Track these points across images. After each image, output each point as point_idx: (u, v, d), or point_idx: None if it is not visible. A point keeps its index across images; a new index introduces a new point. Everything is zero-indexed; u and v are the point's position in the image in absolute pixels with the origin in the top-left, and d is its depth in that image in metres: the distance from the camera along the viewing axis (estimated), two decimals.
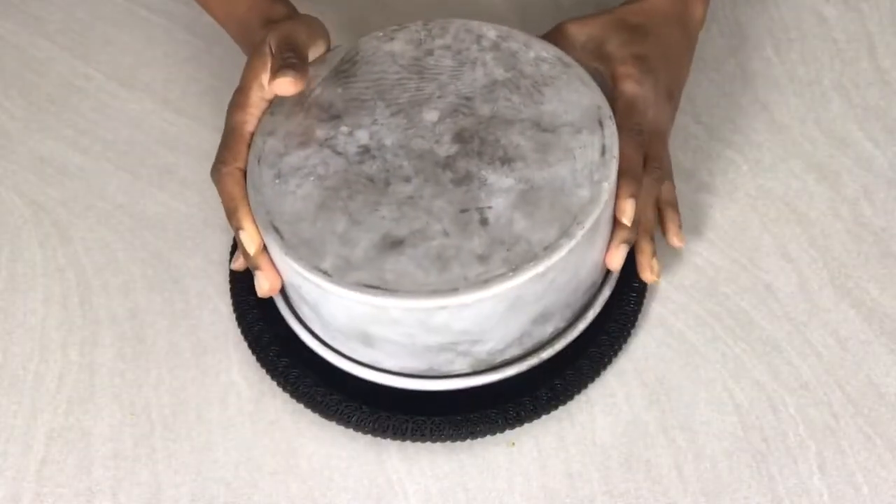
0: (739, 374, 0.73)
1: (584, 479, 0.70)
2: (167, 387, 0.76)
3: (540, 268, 0.65)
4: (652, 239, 0.74)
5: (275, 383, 0.74)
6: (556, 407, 0.72)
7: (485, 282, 0.65)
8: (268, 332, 0.75)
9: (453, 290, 0.64)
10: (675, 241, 0.76)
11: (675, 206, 0.77)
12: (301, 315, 0.73)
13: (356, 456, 0.72)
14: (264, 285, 0.70)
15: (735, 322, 0.75)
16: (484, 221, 0.67)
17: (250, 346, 0.75)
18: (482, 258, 0.65)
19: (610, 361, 0.74)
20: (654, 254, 0.74)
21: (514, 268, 0.65)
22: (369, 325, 0.67)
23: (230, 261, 0.77)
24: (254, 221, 0.68)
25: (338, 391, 0.72)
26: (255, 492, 0.71)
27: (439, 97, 0.72)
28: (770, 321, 0.75)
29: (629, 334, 0.75)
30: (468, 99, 0.71)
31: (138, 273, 0.81)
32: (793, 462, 0.70)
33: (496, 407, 0.71)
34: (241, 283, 0.77)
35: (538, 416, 0.72)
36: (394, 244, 0.66)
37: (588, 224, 0.66)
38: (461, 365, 0.70)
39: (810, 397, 0.72)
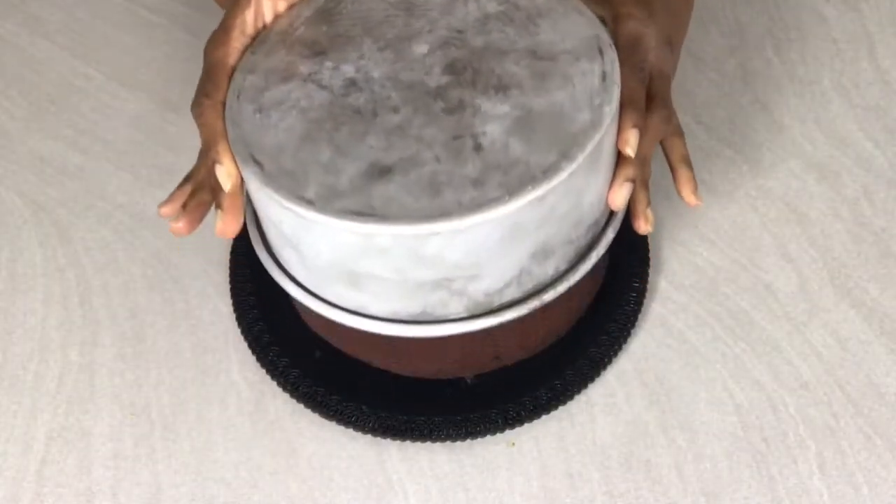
0: (739, 374, 0.73)
1: (584, 479, 0.70)
2: (167, 387, 0.76)
3: (538, 191, 0.61)
4: (647, 187, 0.70)
5: (275, 383, 0.74)
6: (556, 407, 0.72)
7: (479, 205, 0.60)
8: (268, 332, 0.75)
9: (445, 215, 0.60)
10: (692, 198, 0.72)
11: (688, 162, 0.73)
12: (283, 262, 0.69)
13: (356, 456, 0.72)
14: (218, 225, 0.66)
15: (735, 322, 0.75)
16: (478, 147, 0.63)
17: (250, 346, 0.75)
18: (477, 182, 0.61)
19: (610, 361, 0.74)
20: (649, 203, 0.70)
21: (511, 191, 0.61)
22: (356, 260, 0.63)
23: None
24: (233, 157, 0.65)
25: (338, 391, 0.72)
26: (255, 492, 0.71)
27: (429, 31, 0.68)
28: (770, 321, 0.75)
29: (629, 334, 0.74)
30: (460, 32, 0.68)
31: (138, 273, 0.81)
32: (793, 462, 0.70)
33: (496, 407, 0.71)
34: (242, 283, 0.77)
35: (538, 416, 0.72)
36: (382, 172, 0.62)
37: (589, 147, 0.62)
38: (457, 307, 0.66)
39: (810, 397, 0.72)
